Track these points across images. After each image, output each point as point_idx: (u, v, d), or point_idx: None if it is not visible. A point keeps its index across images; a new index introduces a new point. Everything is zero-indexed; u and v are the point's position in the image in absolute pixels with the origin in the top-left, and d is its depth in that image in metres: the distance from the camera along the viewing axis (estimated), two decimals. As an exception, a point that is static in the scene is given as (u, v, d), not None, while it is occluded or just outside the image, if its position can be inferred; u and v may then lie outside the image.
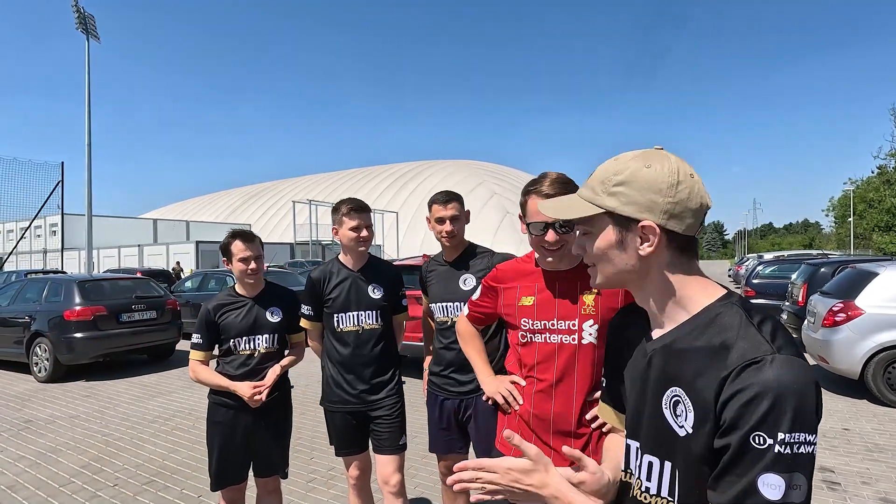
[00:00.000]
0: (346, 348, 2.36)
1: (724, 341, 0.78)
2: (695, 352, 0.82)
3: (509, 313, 1.66)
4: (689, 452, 0.80)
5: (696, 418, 0.78)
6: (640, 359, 0.93)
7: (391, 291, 2.45)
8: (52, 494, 3.58)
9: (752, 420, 0.70)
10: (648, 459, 0.88)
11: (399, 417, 2.39)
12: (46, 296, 7.77)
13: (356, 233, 2.31)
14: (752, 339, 0.76)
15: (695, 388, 0.79)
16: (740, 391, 0.72)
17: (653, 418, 0.87)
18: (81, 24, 16.78)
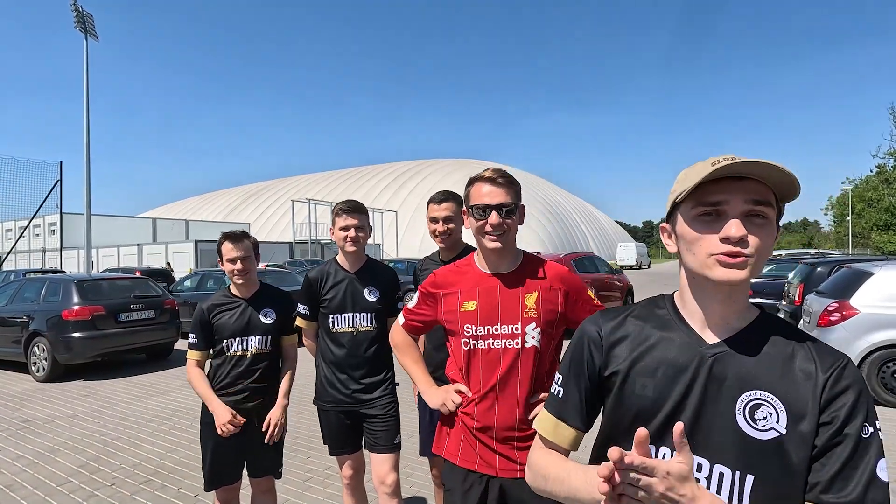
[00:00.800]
0: (341, 349, 2.38)
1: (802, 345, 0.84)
2: (773, 355, 0.83)
3: (451, 319, 1.62)
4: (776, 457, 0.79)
5: (789, 420, 0.79)
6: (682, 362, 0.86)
7: (387, 294, 2.46)
8: (50, 494, 3.60)
9: (861, 413, 0.78)
10: (720, 470, 0.82)
11: (394, 416, 2.41)
12: (45, 295, 7.78)
13: (344, 233, 2.35)
14: (822, 345, 0.85)
15: (785, 389, 0.81)
16: (847, 388, 0.79)
17: (721, 425, 0.82)
18: (80, 22, 16.77)
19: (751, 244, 0.79)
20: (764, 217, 0.81)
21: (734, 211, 0.80)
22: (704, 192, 0.82)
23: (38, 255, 30.88)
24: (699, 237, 0.83)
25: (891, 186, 33.55)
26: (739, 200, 0.80)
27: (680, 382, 0.85)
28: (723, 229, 0.79)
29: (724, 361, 0.84)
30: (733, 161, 0.78)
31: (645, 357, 0.90)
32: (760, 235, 0.80)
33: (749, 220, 0.80)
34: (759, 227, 0.81)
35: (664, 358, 0.88)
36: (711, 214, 0.82)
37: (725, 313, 0.86)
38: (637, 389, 0.89)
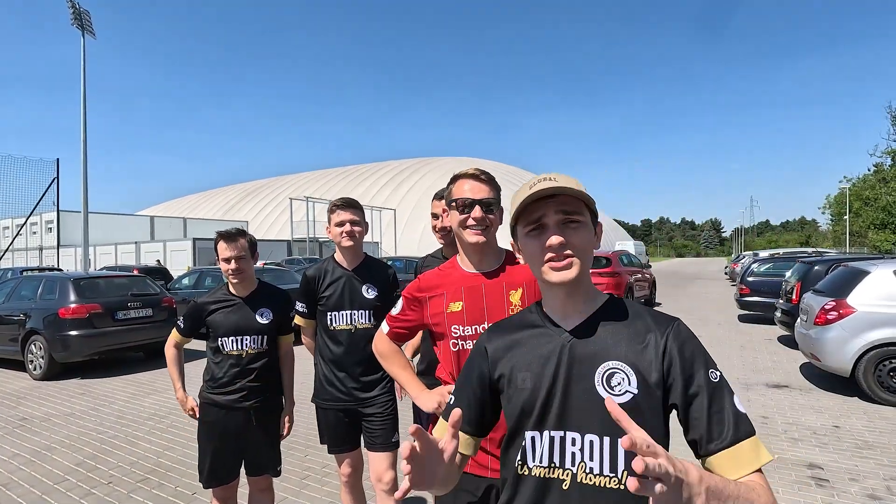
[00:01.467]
0: (339, 347, 2.38)
1: (641, 317, 1.00)
2: (618, 329, 0.98)
3: (438, 322, 1.62)
4: (635, 415, 0.85)
5: (639, 381, 0.93)
6: (547, 351, 1.00)
7: (385, 292, 2.46)
8: (47, 492, 3.60)
9: (702, 363, 0.93)
10: (590, 439, 0.93)
11: (392, 414, 2.41)
12: (41, 293, 7.76)
13: (340, 228, 2.35)
14: (656, 312, 1.02)
15: (632, 356, 0.95)
16: (682, 344, 0.94)
17: (584, 398, 0.94)
18: (77, 19, 16.70)
19: (570, 246, 0.96)
20: (577, 221, 0.98)
21: (551, 222, 0.97)
22: (529, 211, 0.99)
23: (34, 252, 30.80)
24: (532, 250, 0.99)
25: (888, 185, 33.65)
26: (552, 213, 0.97)
27: (549, 369, 0.98)
28: (546, 240, 0.96)
29: (581, 343, 0.98)
30: (541, 188, 0.95)
31: (522, 356, 1.03)
32: (577, 237, 0.97)
33: (566, 227, 0.97)
34: (575, 230, 0.97)
35: (535, 352, 1.01)
36: (537, 229, 0.99)
37: (575, 304, 1.01)
38: (519, 384, 1.00)
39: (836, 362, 5.65)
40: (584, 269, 0.98)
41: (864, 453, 4.08)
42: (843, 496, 3.37)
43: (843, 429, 4.67)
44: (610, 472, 0.91)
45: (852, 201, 37.22)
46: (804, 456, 4.03)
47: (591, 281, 1.04)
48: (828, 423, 4.81)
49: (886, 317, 5.47)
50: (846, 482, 3.57)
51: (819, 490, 3.46)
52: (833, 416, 5.04)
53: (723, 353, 8.07)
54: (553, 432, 0.96)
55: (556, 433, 0.95)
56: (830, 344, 5.69)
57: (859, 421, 4.88)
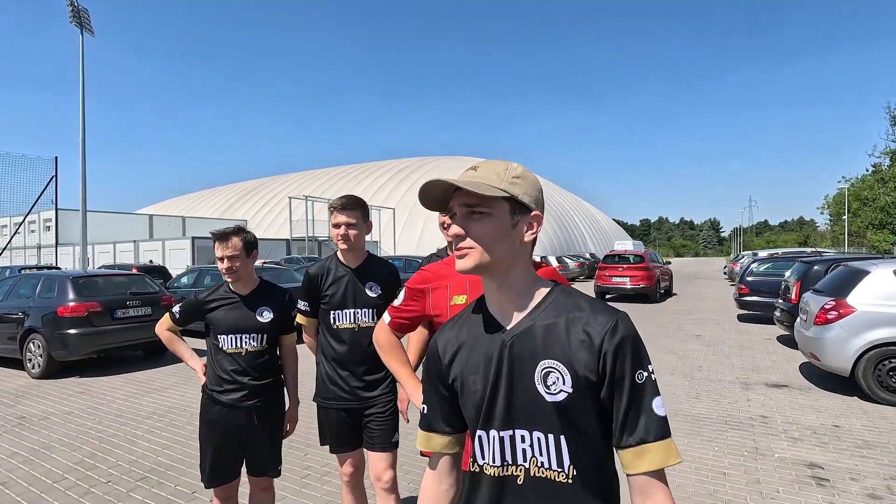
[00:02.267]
0: (342, 345, 2.37)
1: (581, 313, 0.97)
2: (558, 327, 0.96)
3: (440, 314, 1.63)
4: (568, 414, 0.92)
5: (573, 380, 0.93)
6: (490, 351, 1.00)
7: (388, 290, 2.45)
8: (46, 491, 3.59)
9: (632, 363, 0.92)
10: (537, 436, 0.94)
11: (392, 415, 2.40)
12: (40, 292, 7.74)
13: (335, 230, 2.35)
14: (600, 306, 0.99)
15: (568, 354, 0.94)
16: (620, 343, 0.92)
17: (527, 397, 0.95)
18: (75, 17, 16.65)
19: (469, 237, 0.96)
20: (480, 213, 0.96)
21: (457, 212, 0.98)
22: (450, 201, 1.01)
23: (33, 251, 30.75)
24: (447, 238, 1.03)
25: (886, 185, 33.71)
26: (458, 205, 0.98)
27: (492, 369, 0.98)
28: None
29: (520, 340, 0.97)
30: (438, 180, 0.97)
31: (471, 356, 1.02)
32: (476, 227, 0.96)
33: (470, 218, 0.97)
34: (476, 222, 0.96)
35: (481, 352, 1.01)
36: (452, 217, 1.00)
37: (508, 298, 1.01)
38: (471, 386, 1.01)
39: (836, 362, 5.66)
40: (487, 260, 0.96)
41: (863, 453, 4.08)
42: (844, 496, 3.37)
43: (843, 428, 4.67)
44: (557, 466, 0.93)
45: (851, 201, 37.30)
46: (804, 455, 4.04)
47: (526, 274, 1.02)
48: (827, 423, 4.82)
49: (886, 316, 5.48)
50: (846, 482, 3.58)
51: (819, 489, 3.47)
52: (833, 415, 5.05)
53: (722, 353, 8.08)
54: (503, 432, 0.97)
55: (506, 433, 0.97)
56: (830, 343, 5.70)
57: (859, 420, 4.88)
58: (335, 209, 2.35)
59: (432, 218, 43.46)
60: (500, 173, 0.99)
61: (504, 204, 0.98)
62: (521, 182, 0.99)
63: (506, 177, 0.99)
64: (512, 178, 0.99)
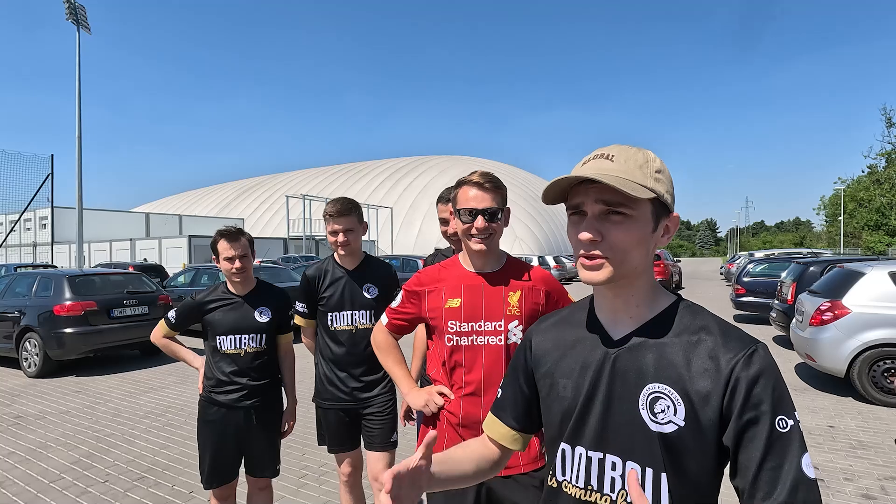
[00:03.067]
0: (340, 347, 2.38)
1: (709, 332, 0.82)
2: (676, 347, 0.82)
3: (435, 316, 1.65)
4: (675, 449, 0.78)
5: (687, 412, 0.78)
6: (589, 359, 0.88)
7: (386, 291, 2.45)
8: (43, 490, 3.58)
9: (773, 405, 0.74)
10: (631, 467, 0.82)
11: (391, 414, 2.41)
12: (36, 290, 7.71)
13: (333, 237, 2.36)
14: (733, 331, 0.82)
15: (684, 382, 0.79)
16: (756, 378, 0.75)
17: (627, 421, 0.82)
18: (72, 14, 16.57)
19: (606, 244, 0.80)
20: (621, 214, 0.80)
21: (590, 212, 0.81)
22: (572, 193, 0.84)
23: (28, 249, 30.58)
24: (571, 238, 0.85)
25: (881, 187, 33.90)
26: (592, 202, 0.81)
27: (587, 380, 0.87)
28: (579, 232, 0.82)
29: (628, 356, 0.84)
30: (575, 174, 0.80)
31: (566, 358, 0.92)
32: (617, 233, 0.80)
33: (606, 219, 0.81)
34: (617, 225, 0.80)
35: (579, 358, 0.90)
36: (577, 214, 0.84)
37: (625, 307, 0.87)
38: (560, 391, 0.91)
39: (831, 363, 5.69)
40: (623, 270, 0.81)
41: (858, 453, 4.11)
42: (838, 496, 3.40)
43: (838, 429, 4.70)
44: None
45: (846, 202, 37.48)
46: (799, 456, 4.06)
47: (649, 282, 0.87)
48: (822, 423, 4.85)
49: (881, 318, 5.51)
50: (841, 482, 3.60)
51: (814, 490, 3.49)
52: (828, 416, 5.08)
53: (718, 353, 8.11)
54: (591, 452, 0.85)
55: (595, 454, 0.85)
56: (825, 344, 5.73)
57: (853, 421, 4.91)
58: (331, 217, 2.35)
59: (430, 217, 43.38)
60: (642, 166, 0.82)
61: (647, 205, 0.81)
62: (662, 178, 0.83)
63: (648, 171, 0.82)
64: (654, 172, 0.82)
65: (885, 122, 34.02)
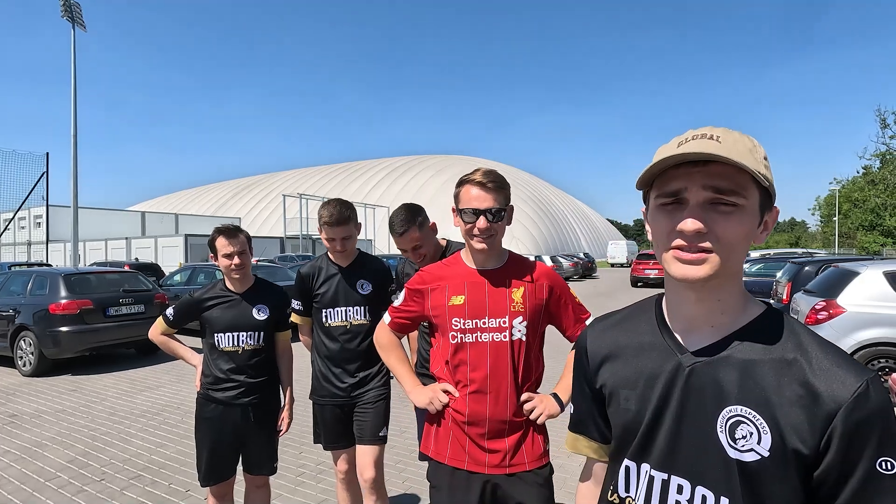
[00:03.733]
0: (335, 343, 2.40)
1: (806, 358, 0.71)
2: (765, 367, 0.71)
3: (438, 314, 1.64)
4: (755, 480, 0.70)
5: (773, 441, 0.68)
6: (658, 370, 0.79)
7: (380, 287, 2.47)
8: (38, 489, 3.56)
9: (877, 445, 0.65)
10: (702, 493, 0.73)
11: (379, 406, 2.40)
12: (31, 289, 7.66)
13: (330, 243, 2.38)
14: (838, 356, 0.71)
15: (773, 408, 0.69)
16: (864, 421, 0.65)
17: (700, 442, 0.74)
18: (67, 11, 16.47)
19: (712, 236, 0.70)
20: (732, 204, 0.70)
21: (693, 199, 0.71)
22: (667, 177, 0.73)
23: (23, 248, 30.42)
24: (660, 229, 0.74)
25: (876, 187, 34.10)
26: (698, 188, 0.70)
27: (656, 394, 0.78)
28: (680, 222, 0.71)
29: (705, 371, 0.75)
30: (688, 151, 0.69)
31: (628, 367, 0.83)
32: (726, 225, 0.70)
33: (713, 209, 0.70)
34: (725, 216, 0.70)
35: (644, 368, 0.81)
36: (673, 203, 0.73)
37: (707, 314, 0.76)
38: (622, 403, 0.83)
39: (826, 361, 5.72)
40: (726, 269, 0.71)
41: (852, 451, 4.13)
42: (833, 493, 3.42)
43: (833, 427, 4.73)
44: None
45: (841, 203, 37.69)
46: (794, 454, 4.08)
47: (739, 286, 0.77)
48: (817, 422, 4.88)
49: (876, 317, 5.55)
50: (835, 479, 3.62)
51: (809, 487, 3.51)
52: (822, 414, 5.11)
53: (714, 352, 8.14)
54: (655, 472, 0.78)
55: (660, 474, 0.77)
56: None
57: (848, 419, 4.94)
58: (327, 225, 2.33)
59: (427, 217, 43.10)
60: (752, 150, 0.72)
61: (756, 195, 0.72)
62: (769, 166, 0.73)
63: (759, 156, 0.72)
64: (763, 159, 0.73)
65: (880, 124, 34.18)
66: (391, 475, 3.65)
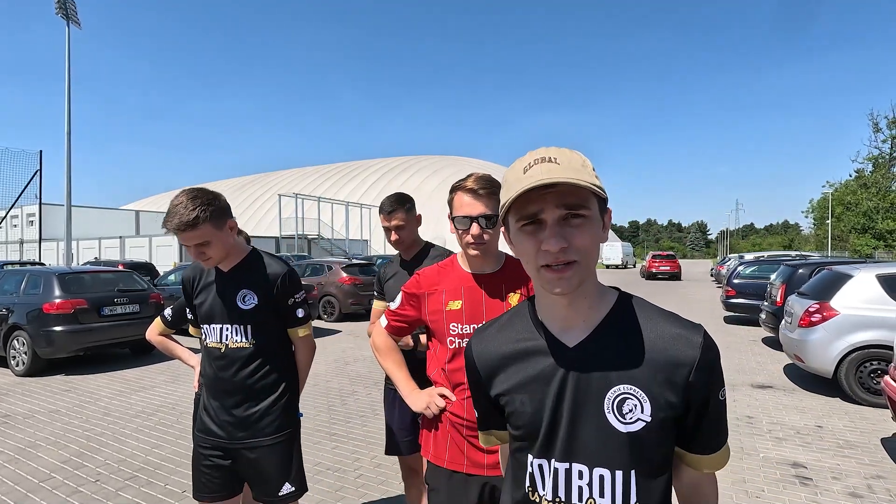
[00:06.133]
0: (211, 368, 1.90)
1: (657, 324, 0.86)
2: (633, 345, 0.84)
3: (436, 319, 1.63)
4: (642, 445, 0.82)
5: (653, 406, 0.82)
6: (546, 371, 0.87)
7: (270, 299, 1.89)
8: (32, 490, 3.54)
9: (720, 381, 0.86)
10: (600, 473, 0.83)
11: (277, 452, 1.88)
12: (25, 288, 7.61)
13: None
14: (678, 319, 0.88)
15: (647, 378, 0.82)
16: (710, 363, 0.83)
17: (593, 427, 0.83)
18: (61, 8, 16.35)
19: (572, 249, 0.79)
20: (582, 216, 0.80)
21: (549, 219, 0.79)
22: (522, 201, 0.80)
23: (15, 246, 30.15)
24: (525, 248, 0.82)
25: (869, 191, 34.42)
26: (552, 208, 0.79)
27: (550, 393, 0.85)
28: (544, 241, 0.79)
29: (587, 363, 0.84)
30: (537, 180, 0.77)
31: (518, 374, 0.90)
32: (581, 236, 0.80)
33: (567, 223, 0.79)
34: (579, 228, 0.80)
35: (533, 370, 0.88)
36: (533, 223, 0.81)
37: (578, 312, 0.86)
38: (519, 406, 0.89)
39: (819, 363, 5.78)
40: (588, 272, 0.82)
41: (845, 452, 4.18)
42: (826, 494, 3.45)
43: (826, 428, 4.77)
44: None
45: (834, 206, 37.98)
46: (788, 455, 4.12)
47: (595, 281, 0.88)
48: (811, 423, 4.92)
49: (868, 319, 5.60)
50: (829, 480, 3.66)
51: (803, 488, 3.54)
52: (816, 416, 5.16)
53: (709, 354, 8.18)
54: (558, 463, 0.85)
55: (562, 465, 0.85)
56: (814, 345, 5.82)
57: (841, 421, 4.99)
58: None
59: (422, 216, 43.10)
60: (584, 165, 0.82)
61: (595, 203, 0.82)
62: (598, 175, 0.84)
63: (589, 170, 0.82)
64: (592, 170, 0.83)
65: (872, 128, 34.59)
66: (391, 475, 3.65)
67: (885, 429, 4.72)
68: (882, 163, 34.94)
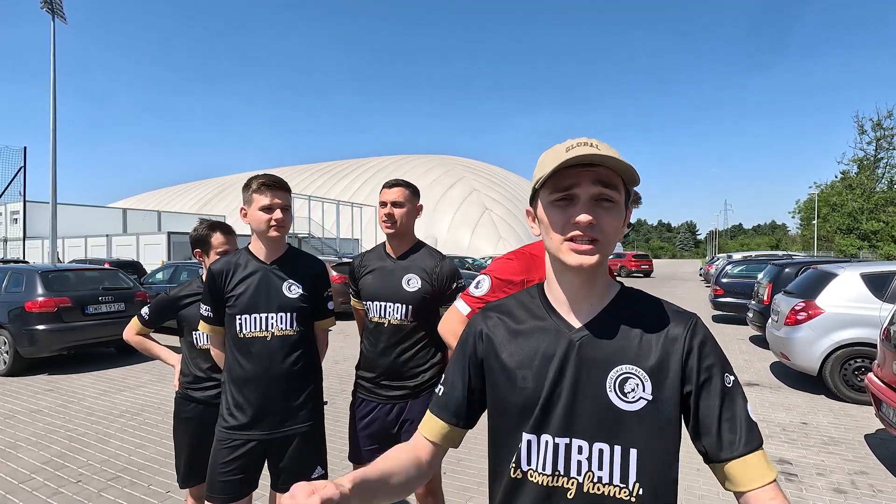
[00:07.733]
0: (248, 361, 1.92)
1: (657, 310, 0.92)
2: (633, 328, 0.89)
3: None
4: (644, 423, 0.85)
5: (654, 386, 0.86)
6: (551, 349, 0.90)
7: (313, 291, 2.02)
8: (12, 491, 3.47)
9: (719, 364, 0.87)
10: (599, 447, 0.86)
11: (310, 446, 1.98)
12: (7, 286, 7.46)
13: (267, 214, 1.88)
14: (672, 306, 0.93)
15: (647, 358, 0.87)
16: (702, 344, 0.87)
17: (594, 405, 0.87)
18: (47, 3, 16.09)
19: (599, 228, 0.84)
20: (611, 201, 0.85)
21: (584, 195, 0.84)
22: (559, 177, 0.85)
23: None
24: (555, 220, 0.87)
25: (854, 192, 34.94)
26: (588, 185, 0.84)
27: (552, 370, 0.89)
28: (575, 214, 0.84)
29: (591, 343, 0.89)
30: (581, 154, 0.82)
31: (523, 348, 0.93)
32: (608, 219, 0.85)
33: (597, 205, 0.85)
34: (607, 211, 0.85)
35: (538, 348, 0.92)
36: (565, 199, 0.86)
37: (587, 295, 0.92)
38: (520, 381, 0.92)
39: (805, 361, 5.84)
40: (605, 256, 0.87)
41: (830, 449, 4.23)
42: (811, 490, 3.49)
43: (811, 425, 4.83)
44: (621, 482, 0.85)
45: (821, 207, 38.50)
46: (773, 452, 4.16)
47: (606, 270, 0.94)
48: (796, 420, 4.97)
49: (852, 318, 5.68)
50: (813, 476, 3.70)
51: (788, 484, 3.58)
52: (801, 413, 5.21)
53: (697, 352, 8.25)
54: (558, 439, 0.88)
55: (561, 440, 0.88)
56: (799, 343, 5.88)
57: (825, 418, 5.05)
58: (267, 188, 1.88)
59: (414, 216, 43.05)
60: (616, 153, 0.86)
61: (623, 195, 0.87)
62: None
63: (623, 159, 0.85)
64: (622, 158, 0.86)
65: (858, 130, 35.09)
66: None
67: (868, 425, 4.78)
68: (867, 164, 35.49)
